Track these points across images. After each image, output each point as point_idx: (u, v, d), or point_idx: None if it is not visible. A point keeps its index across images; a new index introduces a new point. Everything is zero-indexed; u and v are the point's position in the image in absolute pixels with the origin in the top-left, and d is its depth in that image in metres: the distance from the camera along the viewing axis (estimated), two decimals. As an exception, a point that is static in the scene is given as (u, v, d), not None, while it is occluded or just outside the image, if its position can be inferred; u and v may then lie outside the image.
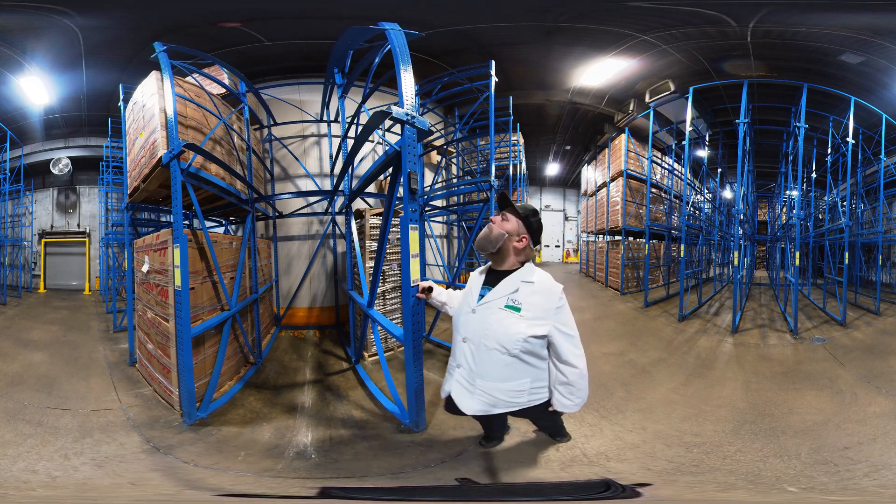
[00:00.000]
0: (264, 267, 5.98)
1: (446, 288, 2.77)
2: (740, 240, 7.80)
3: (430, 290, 2.52)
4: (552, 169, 15.17)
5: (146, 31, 5.56)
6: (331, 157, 6.64)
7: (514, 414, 2.04)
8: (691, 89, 6.99)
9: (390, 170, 3.45)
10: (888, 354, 5.07)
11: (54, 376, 4.53)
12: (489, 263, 2.09)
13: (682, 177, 9.12)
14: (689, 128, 7.86)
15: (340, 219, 6.46)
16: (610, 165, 10.57)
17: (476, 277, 2.07)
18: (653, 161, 8.93)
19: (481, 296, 1.91)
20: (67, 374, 4.61)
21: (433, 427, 3.35)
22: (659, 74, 7.66)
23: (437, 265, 8.11)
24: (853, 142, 6.85)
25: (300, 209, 6.65)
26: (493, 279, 1.94)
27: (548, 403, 2.00)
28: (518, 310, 1.79)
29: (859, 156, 7.78)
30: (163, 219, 6.52)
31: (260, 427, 3.50)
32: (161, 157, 3.64)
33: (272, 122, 6.66)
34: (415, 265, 3.13)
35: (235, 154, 5.08)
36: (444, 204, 8.78)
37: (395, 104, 2.96)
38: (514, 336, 1.79)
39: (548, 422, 2.64)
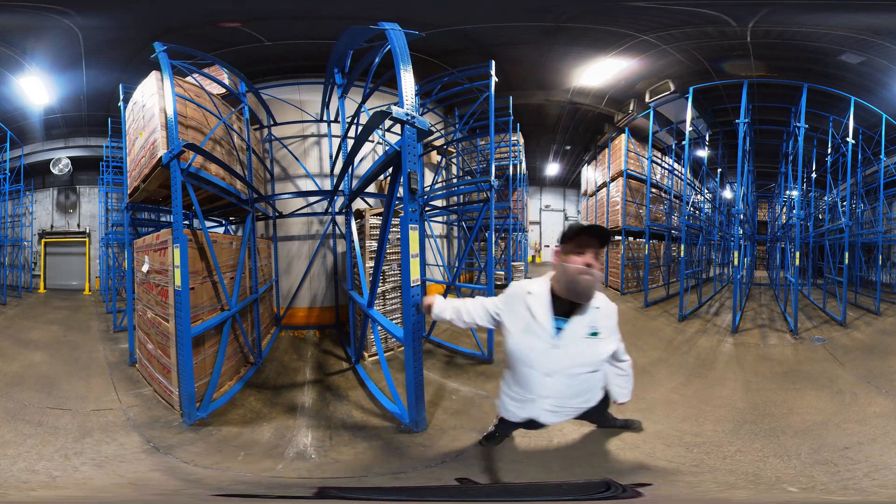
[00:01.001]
0: (264, 267, 5.98)
1: (446, 288, 2.75)
2: (740, 240, 7.80)
3: (430, 306, 2.36)
4: (552, 169, 15.16)
5: (146, 31, 5.56)
6: (331, 157, 6.65)
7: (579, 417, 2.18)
8: (691, 89, 6.99)
9: (390, 170, 3.45)
10: (888, 354, 5.07)
11: (54, 376, 4.53)
12: (539, 284, 1.91)
13: (682, 177, 9.11)
14: (689, 128, 7.86)
15: (340, 219, 6.46)
16: (610, 165, 10.57)
17: (534, 303, 1.88)
18: (653, 161, 8.92)
19: (557, 328, 1.83)
20: (67, 374, 4.61)
21: (433, 427, 3.35)
22: (659, 74, 7.66)
23: (437, 265, 8.11)
24: (853, 142, 6.85)
25: (300, 209, 6.65)
26: (562, 309, 1.85)
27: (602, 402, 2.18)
28: (597, 334, 1.87)
29: (859, 156, 7.77)
30: (163, 219, 6.52)
31: (260, 427, 3.50)
32: (161, 157, 3.64)
33: (272, 122, 6.66)
34: (415, 265, 3.13)
35: (235, 154, 5.08)
36: (444, 204, 8.78)
37: (395, 104, 2.96)
38: (600, 357, 1.93)
39: (602, 415, 2.63)
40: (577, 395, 1.96)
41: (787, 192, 8.81)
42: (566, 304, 1.84)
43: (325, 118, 6.69)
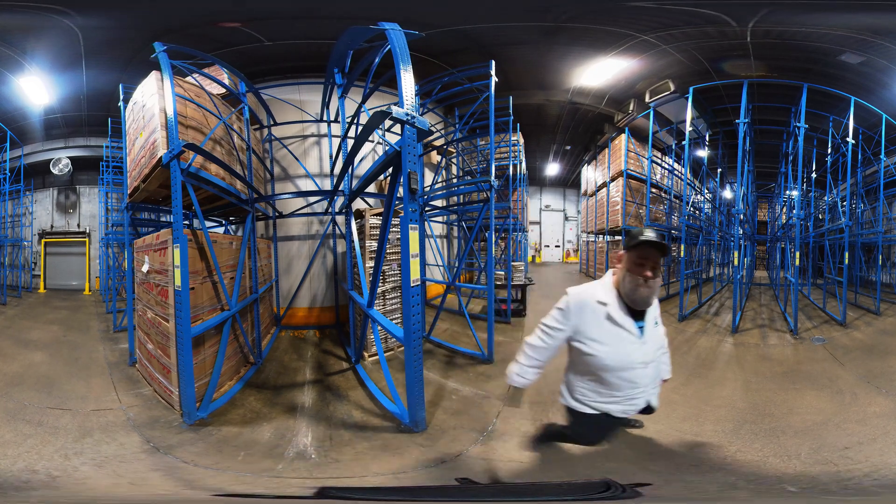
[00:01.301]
0: (264, 267, 5.98)
1: (446, 288, 2.73)
2: (740, 240, 7.79)
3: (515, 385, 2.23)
4: (552, 169, 15.18)
5: (146, 31, 5.56)
6: (331, 157, 6.65)
7: None
8: (691, 89, 6.98)
9: (390, 170, 3.45)
10: (888, 354, 5.07)
11: (54, 376, 4.53)
12: (606, 292, 1.98)
13: (682, 177, 9.11)
14: (689, 128, 7.86)
15: (340, 219, 6.46)
16: (610, 165, 10.57)
17: (615, 313, 1.95)
18: (653, 161, 8.92)
19: (640, 327, 2.02)
20: (67, 374, 4.61)
21: (433, 427, 3.35)
22: (659, 74, 7.66)
23: (437, 265, 8.11)
24: (853, 142, 6.85)
25: (300, 209, 6.65)
26: (636, 312, 2.02)
27: None
28: (657, 322, 2.15)
29: (859, 156, 7.77)
30: (163, 219, 6.52)
31: (260, 427, 3.50)
32: (161, 157, 3.65)
33: (272, 122, 6.66)
34: (415, 265, 3.13)
35: (235, 154, 5.08)
36: (444, 204, 8.78)
37: (395, 104, 2.97)
38: (663, 340, 2.24)
39: None
40: (658, 373, 2.20)
41: (787, 192, 8.81)
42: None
43: (325, 118, 6.69)
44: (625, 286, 1.95)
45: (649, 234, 1.89)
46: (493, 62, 5.10)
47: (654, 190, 9.24)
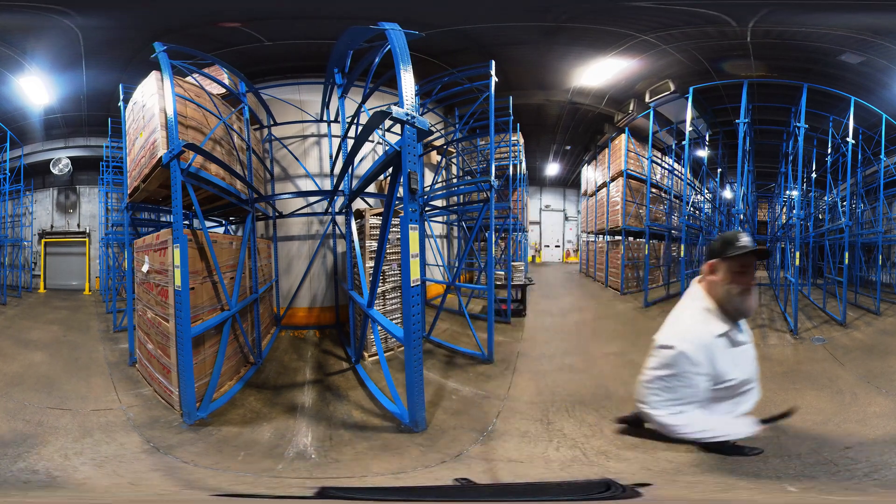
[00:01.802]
0: (264, 267, 5.98)
1: (446, 288, 2.72)
2: (740, 240, 7.77)
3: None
4: (552, 169, 15.18)
5: (146, 31, 5.56)
6: (331, 157, 6.65)
7: None
8: (691, 89, 6.99)
9: (390, 170, 3.45)
10: (888, 354, 5.07)
11: (54, 376, 4.53)
12: (712, 318, 1.84)
13: (682, 177, 9.12)
14: (689, 128, 7.86)
15: (340, 219, 6.46)
16: (610, 165, 10.57)
17: (733, 335, 1.85)
18: (653, 161, 8.92)
19: (742, 330, 1.95)
20: (67, 374, 4.62)
21: (433, 427, 3.35)
22: (659, 74, 7.66)
23: (437, 265, 8.11)
24: (853, 142, 6.85)
25: (300, 209, 6.65)
26: (736, 320, 1.94)
27: None
28: None
29: (859, 156, 7.77)
30: (163, 219, 6.52)
31: (260, 427, 3.50)
32: (161, 157, 3.65)
33: (272, 122, 6.66)
34: (415, 265, 3.13)
35: (235, 154, 5.08)
36: (444, 204, 8.79)
37: (395, 104, 2.97)
38: None
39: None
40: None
41: (787, 192, 8.80)
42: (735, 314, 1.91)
43: (325, 118, 6.69)
44: (732, 301, 1.78)
45: (747, 241, 1.76)
46: (493, 62, 5.10)
47: (654, 190, 9.24)
